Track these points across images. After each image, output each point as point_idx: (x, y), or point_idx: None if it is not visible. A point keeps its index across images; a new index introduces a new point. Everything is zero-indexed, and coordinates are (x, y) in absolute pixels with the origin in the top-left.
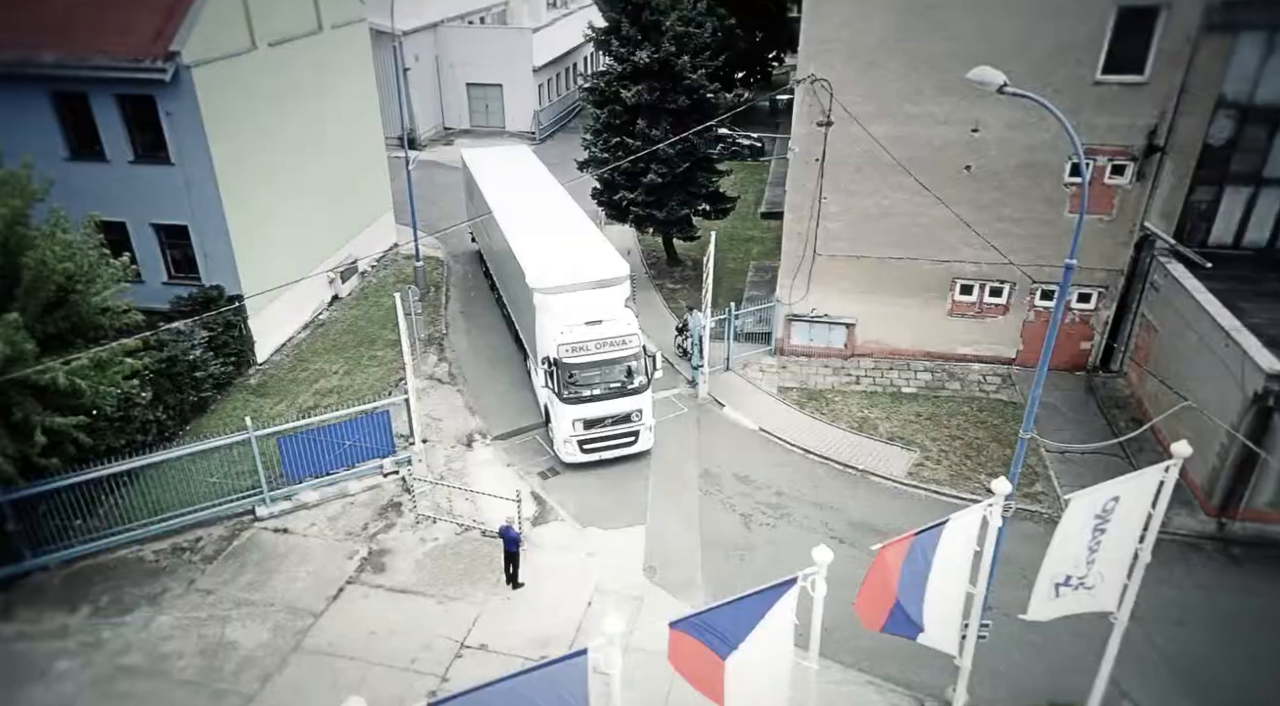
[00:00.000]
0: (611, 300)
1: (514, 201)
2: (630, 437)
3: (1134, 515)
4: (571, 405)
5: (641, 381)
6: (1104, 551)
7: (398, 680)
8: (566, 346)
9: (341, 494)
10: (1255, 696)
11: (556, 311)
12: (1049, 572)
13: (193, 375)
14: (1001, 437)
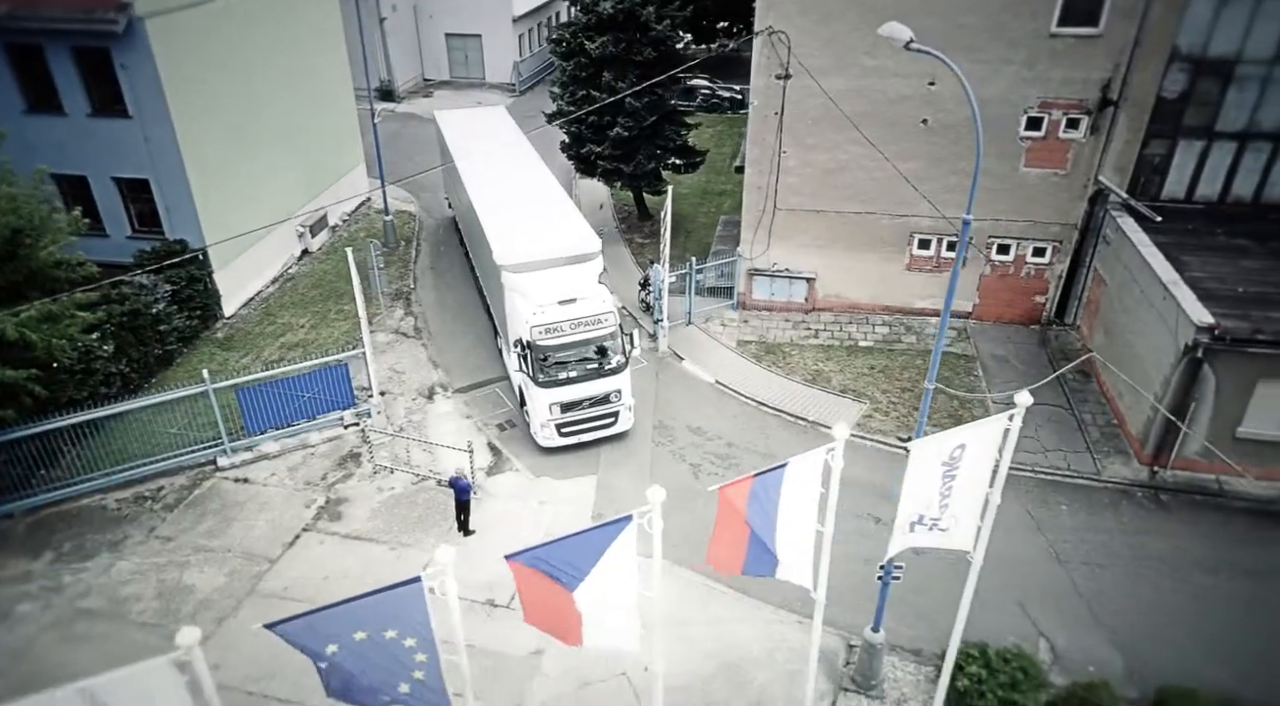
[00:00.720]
0: (585, 277)
1: (485, 170)
2: (610, 419)
3: (981, 461)
4: (547, 389)
5: (620, 361)
6: (956, 495)
7: None
8: (540, 328)
9: (302, 445)
10: (1162, 632)
11: (527, 290)
12: (904, 513)
13: (156, 328)
14: (952, 389)
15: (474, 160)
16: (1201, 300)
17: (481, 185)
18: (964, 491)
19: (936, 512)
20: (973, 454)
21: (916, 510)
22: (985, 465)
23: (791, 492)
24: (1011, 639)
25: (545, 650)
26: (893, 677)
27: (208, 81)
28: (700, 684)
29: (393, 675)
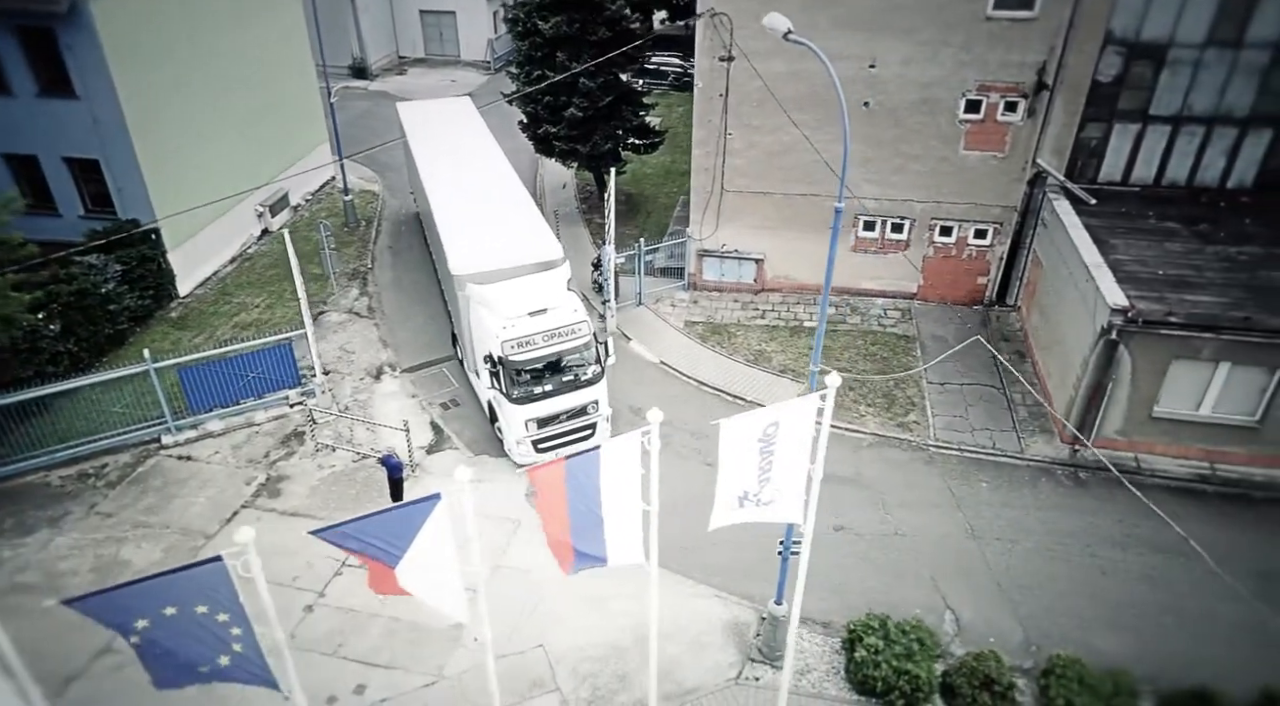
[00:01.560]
0: (554, 286)
1: (445, 171)
2: (587, 431)
3: (798, 438)
4: (522, 405)
5: (595, 371)
6: (776, 470)
7: (278, 595)
8: (511, 342)
9: (247, 423)
10: (1065, 605)
11: (494, 303)
12: (723, 489)
13: (106, 308)
14: (884, 370)
15: (434, 160)
16: (1122, 283)
17: (440, 188)
18: (784, 467)
19: (757, 487)
20: (788, 431)
21: (740, 486)
22: (803, 442)
23: (612, 476)
24: (917, 611)
25: (467, 623)
26: (799, 648)
27: (158, 61)
28: (614, 655)
29: (211, 648)
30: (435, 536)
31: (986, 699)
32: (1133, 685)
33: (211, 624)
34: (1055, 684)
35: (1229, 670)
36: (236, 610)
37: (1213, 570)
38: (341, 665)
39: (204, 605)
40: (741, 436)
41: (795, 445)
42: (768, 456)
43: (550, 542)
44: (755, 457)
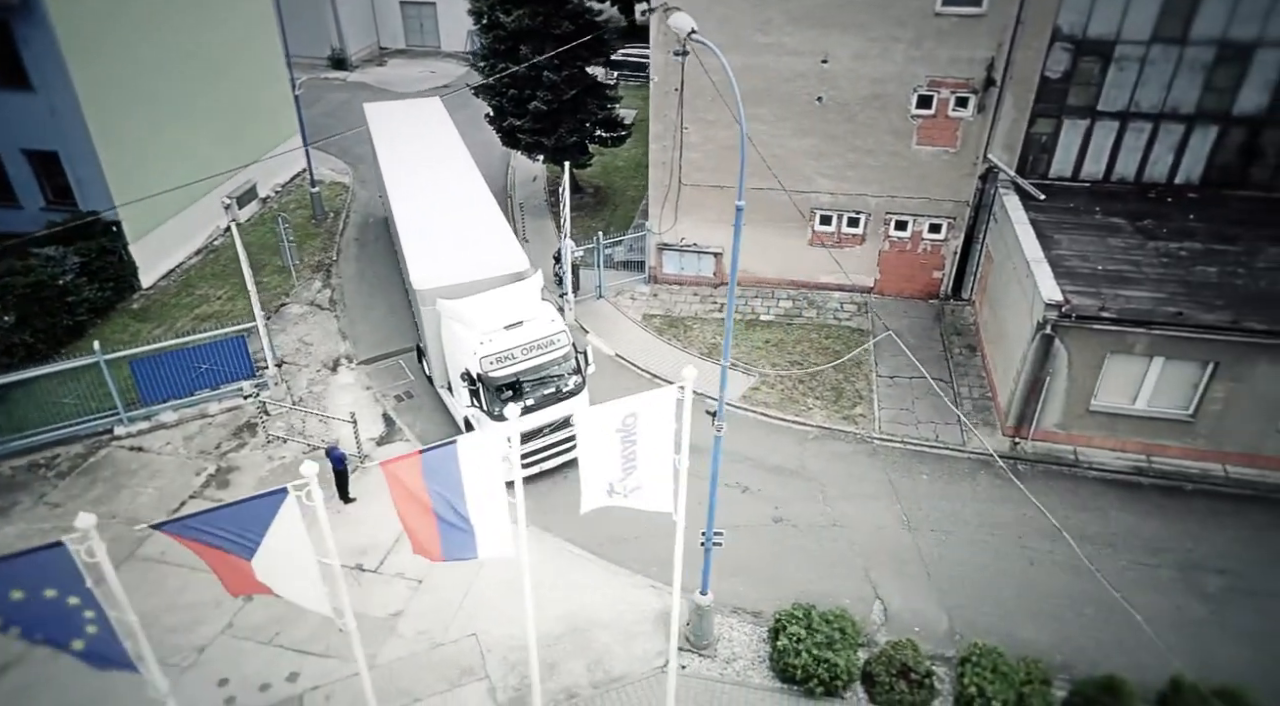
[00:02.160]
0: (528, 296)
1: (410, 178)
2: (570, 443)
3: (659, 429)
4: (503, 421)
5: (577, 381)
6: (641, 460)
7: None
8: (490, 358)
9: (201, 414)
10: (991, 595)
11: (468, 317)
12: (587, 477)
13: (64, 299)
14: (839, 365)
15: (398, 166)
16: (1061, 278)
17: (404, 197)
18: (648, 457)
19: (621, 476)
20: (648, 423)
21: (604, 475)
22: (664, 433)
23: (472, 470)
24: (846, 602)
25: (404, 612)
26: (728, 637)
27: (117, 53)
28: (546, 643)
29: (65, 631)
30: (289, 530)
31: (903, 686)
32: (1046, 673)
33: (62, 607)
34: (970, 671)
35: (1145, 658)
36: (85, 594)
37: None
38: (278, 653)
39: (52, 588)
40: (598, 427)
41: (657, 436)
42: (630, 446)
43: (409, 531)
44: (617, 447)
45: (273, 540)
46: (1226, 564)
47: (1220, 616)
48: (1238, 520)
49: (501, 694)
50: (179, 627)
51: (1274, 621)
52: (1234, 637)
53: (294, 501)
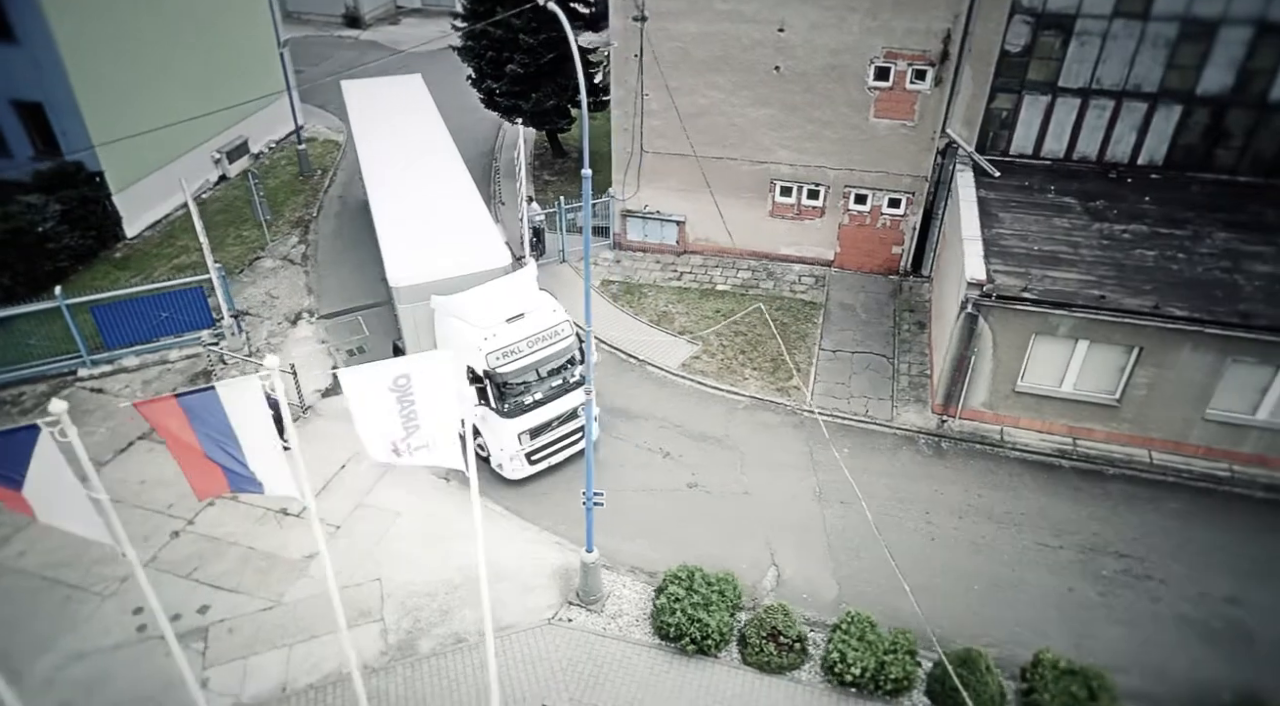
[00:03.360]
0: (525, 287)
1: (390, 169)
2: (578, 434)
3: (438, 389)
4: (513, 418)
5: (583, 371)
6: (424, 419)
7: (152, 521)
8: (496, 353)
9: (162, 360)
10: (883, 568)
11: (467, 313)
12: (364, 434)
13: (44, 246)
14: (784, 335)
15: (376, 152)
16: (993, 257)
17: (381, 186)
18: (431, 416)
19: (404, 435)
20: (422, 383)
21: (384, 433)
22: (444, 394)
23: (237, 413)
24: (744, 567)
25: (317, 554)
26: (619, 594)
27: (99, 6)
28: (443, 591)
29: None
30: (50, 464)
31: (772, 649)
32: (912, 644)
33: None
34: (838, 638)
35: (1024, 635)
36: None
37: (1040, 541)
38: (193, 587)
39: None
40: (365, 386)
41: (436, 396)
42: (409, 407)
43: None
44: (394, 407)
45: (36, 473)
46: (1129, 548)
47: (1109, 599)
48: (1152, 506)
49: (393, 635)
50: (105, 558)
51: (1160, 606)
52: (1116, 620)
53: (47, 437)
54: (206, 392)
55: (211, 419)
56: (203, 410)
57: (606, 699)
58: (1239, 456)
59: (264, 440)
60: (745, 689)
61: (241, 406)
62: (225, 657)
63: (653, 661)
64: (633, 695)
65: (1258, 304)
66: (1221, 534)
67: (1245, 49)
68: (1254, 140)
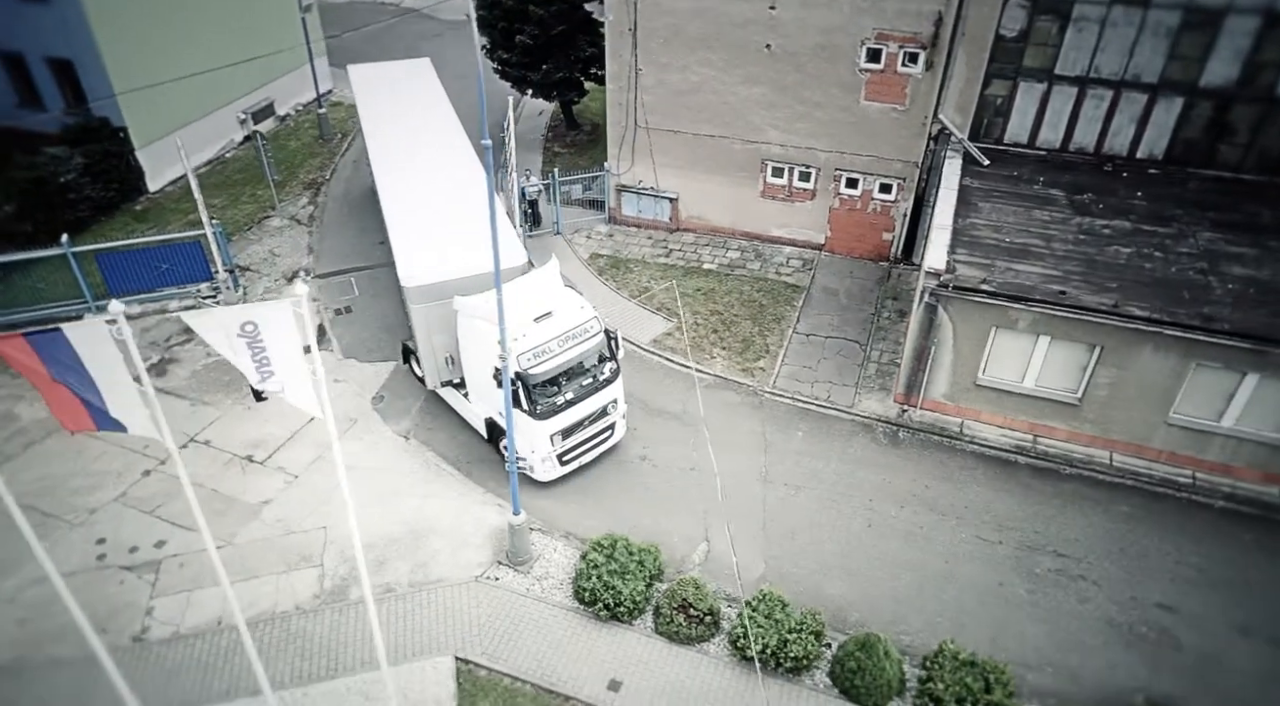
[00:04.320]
0: (550, 284)
1: (400, 161)
2: (607, 432)
3: (284, 337)
4: (546, 419)
5: (613, 367)
6: (276, 365)
7: (128, 458)
8: (527, 354)
9: (161, 310)
10: (813, 550)
11: (492, 314)
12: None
13: (66, 196)
14: (759, 316)
15: (385, 143)
16: (961, 247)
17: (392, 181)
18: (281, 363)
19: (259, 378)
20: (269, 331)
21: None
22: (291, 343)
23: (92, 355)
24: (676, 539)
25: (272, 501)
26: (549, 558)
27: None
28: (383, 543)
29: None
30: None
31: (682, 620)
32: (820, 626)
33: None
34: (745, 614)
35: (941, 627)
36: None
37: (979, 535)
38: (153, 523)
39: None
40: (214, 330)
41: (283, 345)
42: (260, 352)
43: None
44: (245, 350)
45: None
46: (1068, 549)
47: (1036, 597)
48: (1102, 509)
49: (329, 581)
50: (80, 490)
51: (1087, 607)
52: (1040, 618)
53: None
54: (53, 333)
55: (63, 357)
56: (53, 349)
57: (518, 655)
58: (1203, 464)
59: (120, 380)
60: (653, 656)
61: (92, 347)
62: (172, 589)
63: (569, 623)
64: (544, 654)
65: (1224, 307)
66: (1167, 540)
67: (1252, 40)
68: (1260, 137)
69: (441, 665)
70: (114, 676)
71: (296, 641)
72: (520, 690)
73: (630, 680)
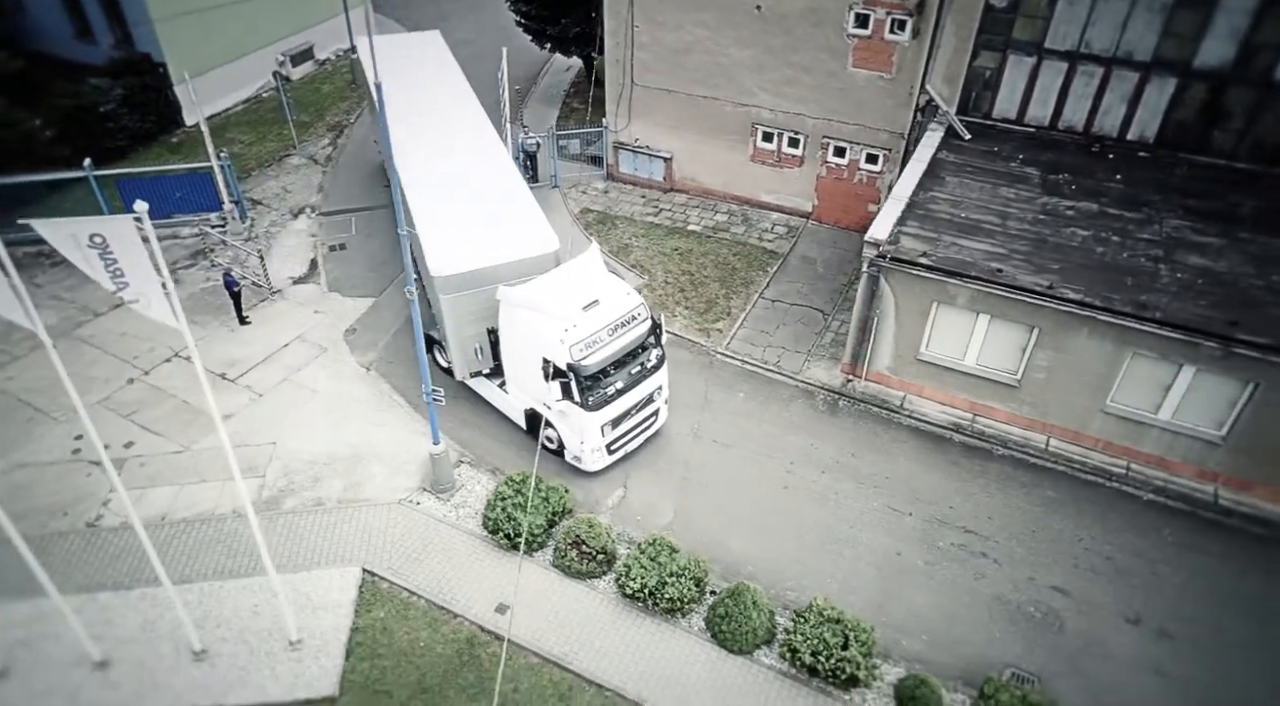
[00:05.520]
0: (595, 270)
1: (419, 145)
2: (652, 419)
3: (133, 249)
4: (598, 410)
5: (659, 353)
6: (131, 275)
7: (116, 367)
8: (579, 345)
9: (173, 235)
10: (727, 505)
11: (541, 303)
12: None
13: (104, 125)
14: (727, 279)
15: (404, 122)
16: (913, 220)
17: (412, 167)
18: (135, 274)
19: (114, 289)
20: (120, 245)
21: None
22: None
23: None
24: (596, 485)
25: (234, 415)
26: (471, 489)
27: None
28: (324, 462)
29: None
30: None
31: (574, 556)
32: (703, 573)
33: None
34: (633, 555)
35: (829, 587)
36: None
37: (892, 506)
38: (127, 425)
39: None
40: (63, 239)
41: (134, 257)
42: (112, 263)
43: None
44: (98, 260)
45: None
46: (978, 526)
47: (932, 569)
48: (1025, 491)
49: (267, 490)
50: None
51: (981, 583)
52: (931, 589)
53: None
54: None
55: None
56: None
57: (420, 573)
58: (1138, 455)
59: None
60: (545, 586)
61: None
62: (130, 485)
63: (472, 549)
64: (444, 574)
65: (1164, 296)
66: (1083, 527)
67: (1249, 19)
68: (1255, 123)
69: (349, 574)
70: (26, 554)
71: (226, 541)
72: (414, 603)
73: (518, 606)
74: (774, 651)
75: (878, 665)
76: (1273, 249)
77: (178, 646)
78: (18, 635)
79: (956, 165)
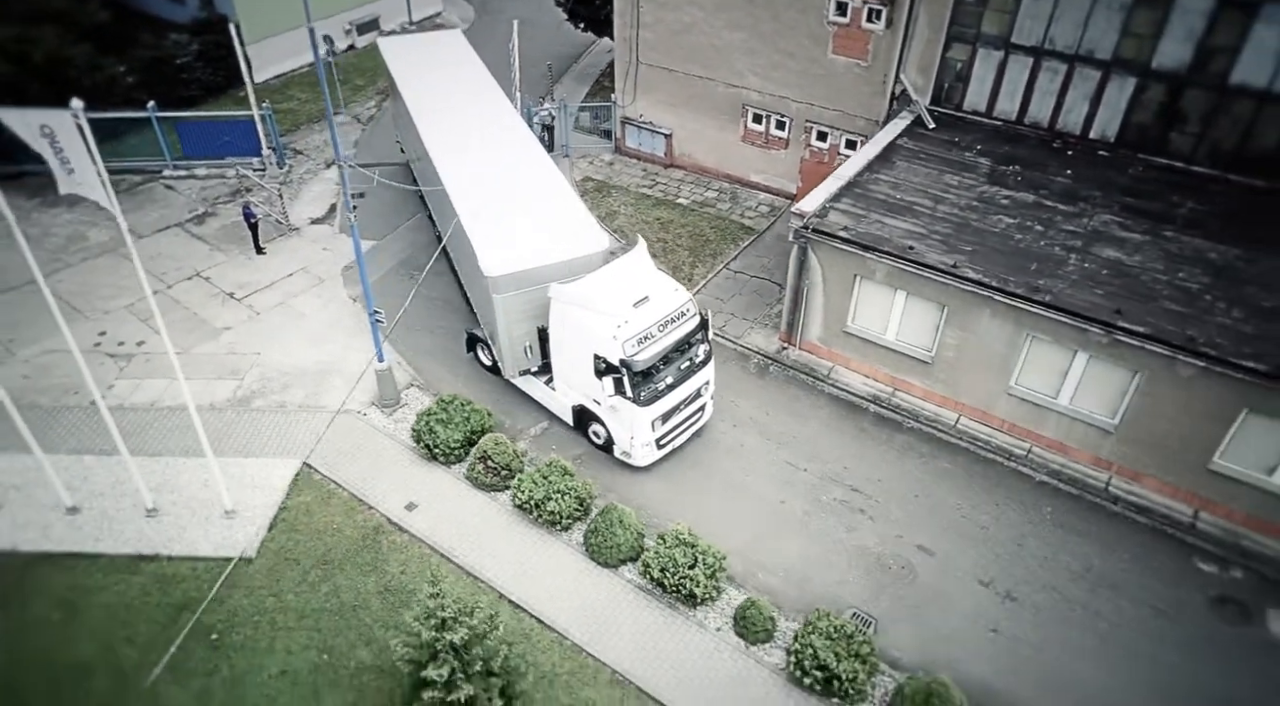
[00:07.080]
0: (643, 266)
1: (454, 143)
2: (699, 413)
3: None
4: (649, 405)
5: (707, 349)
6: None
7: (147, 279)
8: (631, 341)
9: (221, 175)
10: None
11: (592, 301)
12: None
13: (180, 76)
14: (698, 249)
15: (436, 125)
16: (847, 198)
17: (449, 164)
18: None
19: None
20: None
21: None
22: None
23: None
24: (526, 416)
25: (231, 328)
26: (413, 406)
27: None
28: (296, 375)
29: None
30: None
31: (480, 469)
32: (585, 494)
33: None
34: (529, 475)
35: (708, 524)
36: None
37: (790, 461)
38: (145, 328)
39: None
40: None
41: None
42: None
43: None
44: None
45: None
46: (864, 486)
47: (808, 519)
48: (921, 461)
49: (240, 391)
50: (106, 296)
51: (850, 535)
52: (800, 535)
53: None
54: None
55: None
56: None
57: (349, 470)
58: (1040, 438)
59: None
60: (453, 493)
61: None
62: (132, 376)
63: (398, 455)
64: (369, 474)
65: (1062, 283)
66: (967, 498)
67: (1205, 21)
68: (1211, 127)
69: (290, 464)
70: (15, 417)
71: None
72: (337, 494)
73: (426, 506)
74: (637, 568)
75: (722, 588)
76: (1190, 249)
77: (136, 504)
78: (15, 480)
79: (911, 151)
